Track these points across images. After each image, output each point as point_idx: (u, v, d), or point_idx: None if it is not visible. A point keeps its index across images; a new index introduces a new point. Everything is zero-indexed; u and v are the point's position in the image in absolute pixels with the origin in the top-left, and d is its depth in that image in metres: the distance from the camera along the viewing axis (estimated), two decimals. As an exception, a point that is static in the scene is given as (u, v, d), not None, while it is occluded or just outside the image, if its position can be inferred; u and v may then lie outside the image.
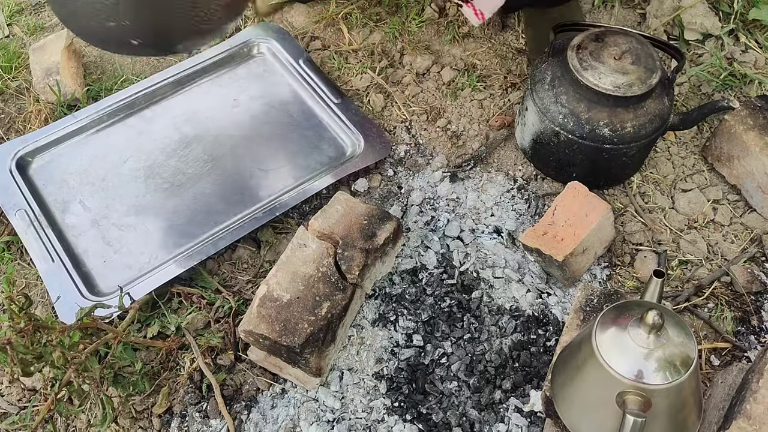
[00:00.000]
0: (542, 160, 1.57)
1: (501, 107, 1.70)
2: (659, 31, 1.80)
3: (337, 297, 1.28)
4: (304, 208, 1.56)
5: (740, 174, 1.53)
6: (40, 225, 1.48)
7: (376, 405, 1.31)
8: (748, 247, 1.49)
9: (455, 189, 1.59)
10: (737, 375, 1.24)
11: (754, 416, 1.08)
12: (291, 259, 1.31)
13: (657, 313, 0.99)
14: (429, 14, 1.86)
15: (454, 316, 1.40)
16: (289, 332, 1.22)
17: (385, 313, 1.41)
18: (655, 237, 1.51)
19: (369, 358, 1.36)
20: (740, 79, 1.72)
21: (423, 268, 1.46)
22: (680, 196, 1.56)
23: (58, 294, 1.37)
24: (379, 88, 1.75)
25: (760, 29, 1.80)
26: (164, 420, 1.32)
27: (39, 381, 1.35)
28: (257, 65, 1.78)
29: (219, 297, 1.42)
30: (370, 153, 1.59)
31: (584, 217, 1.40)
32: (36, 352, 1.05)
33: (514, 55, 1.79)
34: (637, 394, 1.01)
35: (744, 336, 1.39)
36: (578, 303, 1.27)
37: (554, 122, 1.44)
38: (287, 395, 1.33)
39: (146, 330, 1.38)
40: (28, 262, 1.49)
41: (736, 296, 1.43)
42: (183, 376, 1.34)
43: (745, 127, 1.51)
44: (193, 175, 1.57)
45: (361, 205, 1.39)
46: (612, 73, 1.38)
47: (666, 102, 1.44)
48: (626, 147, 1.43)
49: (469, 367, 1.34)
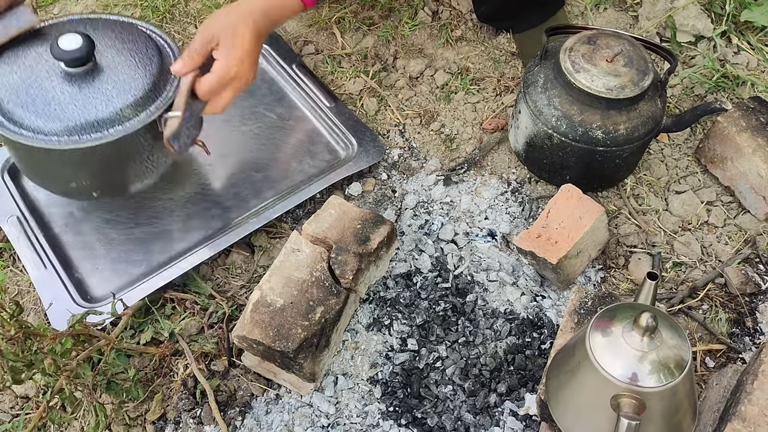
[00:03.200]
0: (536, 163, 1.57)
1: (494, 110, 1.71)
2: (651, 33, 1.80)
3: (331, 302, 1.27)
4: (298, 212, 1.56)
5: (734, 175, 1.53)
6: (33, 232, 1.47)
7: (370, 410, 1.31)
8: (742, 249, 1.49)
9: (449, 192, 1.58)
10: (732, 377, 1.24)
11: (748, 418, 1.08)
12: (284, 264, 1.30)
13: (651, 316, 0.98)
14: (422, 18, 1.86)
15: (449, 320, 1.40)
16: (283, 337, 1.22)
17: (380, 317, 1.40)
18: (649, 239, 1.51)
19: (363, 362, 1.36)
20: (733, 81, 1.73)
21: (417, 272, 1.46)
22: (674, 198, 1.56)
23: (51, 301, 1.37)
24: (372, 92, 1.75)
25: (752, 31, 1.81)
26: (158, 426, 1.31)
27: (32, 389, 1.34)
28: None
29: (212, 302, 1.42)
30: (363, 157, 1.59)
31: (578, 219, 1.40)
32: (27, 359, 1.05)
33: (508, 58, 1.80)
34: (631, 397, 1.00)
35: (738, 337, 1.39)
36: (572, 306, 1.27)
37: (547, 125, 1.44)
38: (281, 401, 1.33)
39: (139, 336, 1.37)
40: (20, 269, 1.48)
41: (731, 298, 1.43)
42: (176, 383, 1.34)
43: (738, 128, 1.51)
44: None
45: (355, 209, 1.39)
46: (604, 76, 1.39)
47: (659, 104, 1.45)
48: (619, 149, 1.43)
49: (464, 370, 1.34)
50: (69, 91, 1.25)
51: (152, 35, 1.38)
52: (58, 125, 1.23)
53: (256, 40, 1.30)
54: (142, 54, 1.31)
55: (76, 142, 1.22)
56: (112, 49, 1.31)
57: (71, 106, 1.23)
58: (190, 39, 1.87)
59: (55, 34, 1.29)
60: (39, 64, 1.28)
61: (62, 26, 1.35)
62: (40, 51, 1.29)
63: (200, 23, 1.90)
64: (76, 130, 1.23)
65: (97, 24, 1.36)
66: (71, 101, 1.24)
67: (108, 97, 1.25)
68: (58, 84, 1.26)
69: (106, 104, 1.24)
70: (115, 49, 1.31)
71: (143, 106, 1.27)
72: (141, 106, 1.27)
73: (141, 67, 1.29)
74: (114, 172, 1.33)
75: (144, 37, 1.35)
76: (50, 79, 1.26)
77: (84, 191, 1.37)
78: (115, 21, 1.39)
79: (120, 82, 1.27)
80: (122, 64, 1.29)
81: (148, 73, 1.29)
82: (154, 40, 1.36)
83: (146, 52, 1.32)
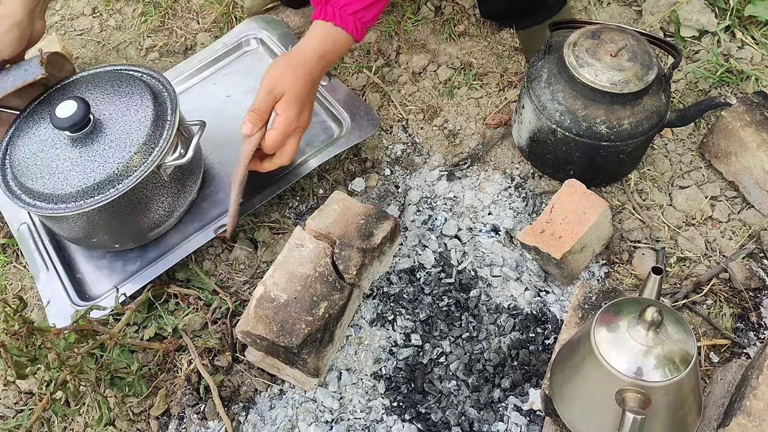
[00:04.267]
0: (539, 158, 1.56)
1: (498, 105, 1.70)
2: (655, 27, 1.80)
3: (335, 297, 1.27)
4: (301, 208, 1.55)
5: (738, 170, 1.53)
6: (39, 235, 1.48)
7: (374, 405, 1.31)
8: (747, 244, 1.49)
9: (452, 188, 1.58)
10: (736, 372, 1.23)
11: (753, 412, 1.08)
12: (288, 259, 1.30)
13: (656, 310, 0.98)
14: (425, 13, 1.86)
15: (453, 315, 1.40)
16: (287, 333, 1.22)
17: (383, 312, 1.40)
18: (653, 234, 1.50)
19: (367, 358, 1.36)
20: (737, 76, 1.72)
21: (421, 268, 1.46)
22: (678, 193, 1.56)
23: (48, 300, 1.38)
24: (375, 87, 1.74)
25: (756, 25, 1.80)
26: (162, 422, 1.31)
27: (35, 384, 1.34)
28: (250, 60, 1.76)
29: (216, 298, 1.42)
30: (356, 131, 1.56)
31: (582, 214, 1.39)
32: (30, 354, 1.05)
33: (511, 54, 1.79)
34: (636, 391, 1.00)
35: (743, 332, 1.39)
36: (576, 301, 1.27)
37: (551, 120, 1.44)
38: (285, 396, 1.33)
39: (143, 332, 1.37)
40: (24, 265, 1.49)
41: (735, 293, 1.43)
42: (180, 378, 1.34)
43: (742, 123, 1.51)
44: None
45: (358, 204, 1.39)
46: (608, 70, 1.38)
47: (663, 99, 1.44)
48: (623, 144, 1.43)
49: (467, 366, 1.34)
50: (71, 158, 1.32)
51: (144, 78, 1.43)
52: (63, 192, 1.30)
53: (313, 87, 1.35)
54: (137, 105, 1.35)
55: (81, 207, 1.29)
56: (109, 106, 1.36)
57: (72, 173, 1.31)
58: (192, 35, 1.87)
59: (54, 101, 1.37)
60: (47, 132, 1.35)
61: (62, 90, 1.43)
62: (48, 118, 1.36)
63: (202, 19, 1.90)
64: (80, 195, 1.29)
65: (92, 80, 1.42)
66: (72, 168, 1.31)
67: (106, 157, 1.31)
68: (62, 151, 1.32)
69: (105, 165, 1.31)
70: (112, 104, 1.36)
71: (144, 156, 1.32)
72: (142, 157, 1.32)
73: (136, 120, 1.34)
74: (129, 225, 1.39)
75: (138, 84, 1.39)
76: (55, 147, 1.33)
77: (106, 244, 1.44)
78: (109, 73, 1.45)
79: (118, 139, 1.32)
80: (119, 118, 1.34)
81: (143, 126, 1.33)
82: (148, 84, 1.40)
83: (141, 102, 1.36)
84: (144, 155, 1.32)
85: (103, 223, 1.36)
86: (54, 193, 1.29)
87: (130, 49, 1.85)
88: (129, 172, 1.30)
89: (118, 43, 1.87)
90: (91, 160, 1.30)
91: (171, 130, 1.35)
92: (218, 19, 1.89)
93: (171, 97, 1.39)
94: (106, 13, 1.93)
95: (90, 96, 1.36)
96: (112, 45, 1.86)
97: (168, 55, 1.84)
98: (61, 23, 1.91)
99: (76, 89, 1.40)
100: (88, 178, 1.29)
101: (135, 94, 1.37)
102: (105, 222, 1.35)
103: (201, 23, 1.89)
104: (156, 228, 1.43)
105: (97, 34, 1.89)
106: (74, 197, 1.29)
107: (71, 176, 1.30)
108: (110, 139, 1.32)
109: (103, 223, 1.36)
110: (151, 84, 1.41)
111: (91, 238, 1.41)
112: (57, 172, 1.31)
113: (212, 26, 1.88)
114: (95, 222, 1.34)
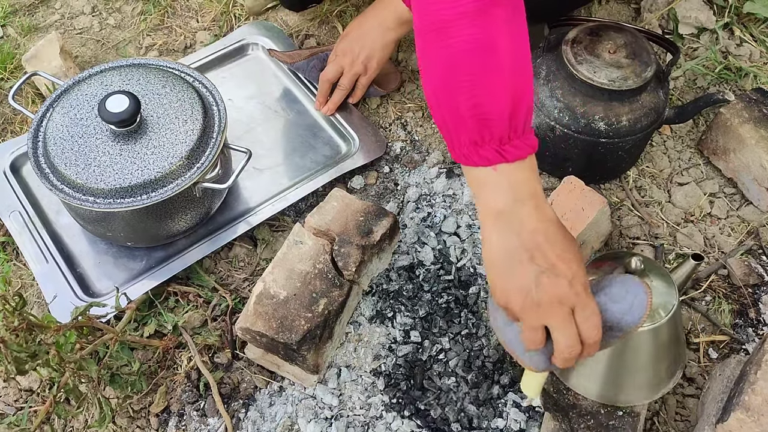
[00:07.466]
0: (538, 155, 1.53)
1: (496, 103, 1.70)
2: (653, 25, 1.80)
3: (334, 294, 1.27)
4: (301, 205, 1.56)
5: (736, 167, 1.53)
6: (35, 227, 1.47)
7: (374, 401, 1.31)
8: (745, 240, 1.49)
9: (451, 185, 1.58)
10: (735, 367, 1.24)
11: (752, 407, 1.08)
12: (287, 256, 1.31)
13: (639, 259, 1.05)
14: (423, 11, 1.86)
15: (452, 312, 1.40)
16: (286, 329, 1.22)
17: (383, 309, 1.41)
18: (651, 231, 1.51)
19: (366, 354, 1.36)
20: (735, 73, 1.72)
21: (420, 265, 1.46)
22: (676, 189, 1.56)
23: (54, 295, 1.37)
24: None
25: (754, 23, 1.80)
26: (162, 419, 1.32)
27: (35, 382, 1.34)
28: (251, 64, 1.77)
29: (216, 295, 1.42)
30: (364, 152, 1.58)
31: (581, 211, 1.40)
32: (30, 350, 1.05)
33: (509, 51, 1.79)
34: None
35: (742, 328, 1.39)
36: (575, 297, 1.27)
37: (549, 117, 1.44)
38: (285, 393, 1.33)
39: (143, 329, 1.37)
40: (23, 262, 1.49)
41: (734, 289, 1.43)
42: (180, 375, 1.34)
43: (740, 120, 1.51)
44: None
45: (358, 201, 1.39)
46: (607, 67, 1.38)
47: (661, 95, 1.44)
48: (622, 141, 1.43)
49: (467, 362, 1.34)
50: (110, 153, 1.29)
51: (196, 85, 1.41)
52: (95, 186, 1.27)
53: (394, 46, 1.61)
54: (187, 115, 1.34)
55: (110, 206, 1.28)
56: (158, 108, 1.34)
57: (109, 169, 1.28)
58: (192, 33, 1.87)
59: (102, 92, 1.34)
60: (89, 117, 1.32)
61: (110, 77, 1.39)
62: (92, 104, 1.33)
63: (202, 17, 1.90)
64: (112, 194, 1.28)
65: (143, 74, 1.39)
66: (110, 163, 1.28)
67: (146, 161, 1.29)
68: (102, 143, 1.30)
69: (143, 170, 1.28)
70: (161, 107, 1.34)
71: (183, 170, 1.31)
72: (181, 170, 1.31)
73: (183, 132, 1.32)
74: (149, 229, 1.40)
75: (190, 92, 1.37)
76: (95, 137, 1.30)
77: (119, 240, 1.44)
78: (160, 70, 1.41)
79: (161, 146, 1.30)
80: (167, 125, 1.33)
81: (189, 138, 1.32)
82: (199, 93, 1.38)
83: (191, 113, 1.34)
84: (184, 169, 1.31)
85: (124, 223, 1.36)
86: (86, 185, 1.27)
87: (130, 48, 1.85)
88: (165, 183, 1.29)
89: (118, 41, 1.87)
90: (130, 160, 1.29)
91: (215, 149, 1.33)
92: (217, 18, 1.89)
93: (221, 114, 1.38)
94: (105, 12, 1.93)
95: (140, 92, 1.34)
96: (112, 43, 1.87)
97: (167, 53, 1.84)
98: (61, 22, 1.92)
99: (126, 80, 1.37)
100: (124, 179, 1.27)
101: (186, 102, 1.35)
102: (126, 222, 1.36)
103: (200, 22, 1.89)
104: (173, 236, 1.45)
105: (97, 33, 1.89)
106: (106, 194, 1.28)
107: (107, 172, 1.28)
108: (154, 144, 1.30)
109: (124, 223, 1.36)
110: (202, 94, 1.39)
111: (107, 231, 1.40)
112: (93, 164, 1.28)
113: (212, 24, 1.88)
114: (117, 219, 1.34)
